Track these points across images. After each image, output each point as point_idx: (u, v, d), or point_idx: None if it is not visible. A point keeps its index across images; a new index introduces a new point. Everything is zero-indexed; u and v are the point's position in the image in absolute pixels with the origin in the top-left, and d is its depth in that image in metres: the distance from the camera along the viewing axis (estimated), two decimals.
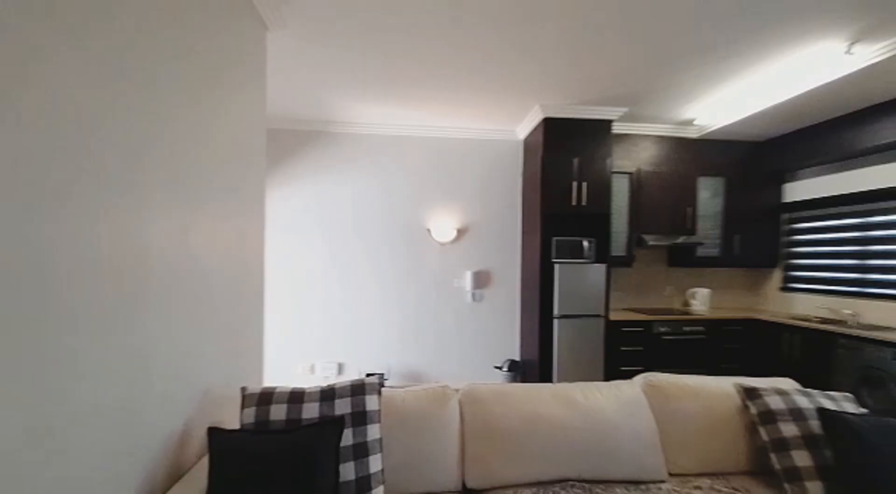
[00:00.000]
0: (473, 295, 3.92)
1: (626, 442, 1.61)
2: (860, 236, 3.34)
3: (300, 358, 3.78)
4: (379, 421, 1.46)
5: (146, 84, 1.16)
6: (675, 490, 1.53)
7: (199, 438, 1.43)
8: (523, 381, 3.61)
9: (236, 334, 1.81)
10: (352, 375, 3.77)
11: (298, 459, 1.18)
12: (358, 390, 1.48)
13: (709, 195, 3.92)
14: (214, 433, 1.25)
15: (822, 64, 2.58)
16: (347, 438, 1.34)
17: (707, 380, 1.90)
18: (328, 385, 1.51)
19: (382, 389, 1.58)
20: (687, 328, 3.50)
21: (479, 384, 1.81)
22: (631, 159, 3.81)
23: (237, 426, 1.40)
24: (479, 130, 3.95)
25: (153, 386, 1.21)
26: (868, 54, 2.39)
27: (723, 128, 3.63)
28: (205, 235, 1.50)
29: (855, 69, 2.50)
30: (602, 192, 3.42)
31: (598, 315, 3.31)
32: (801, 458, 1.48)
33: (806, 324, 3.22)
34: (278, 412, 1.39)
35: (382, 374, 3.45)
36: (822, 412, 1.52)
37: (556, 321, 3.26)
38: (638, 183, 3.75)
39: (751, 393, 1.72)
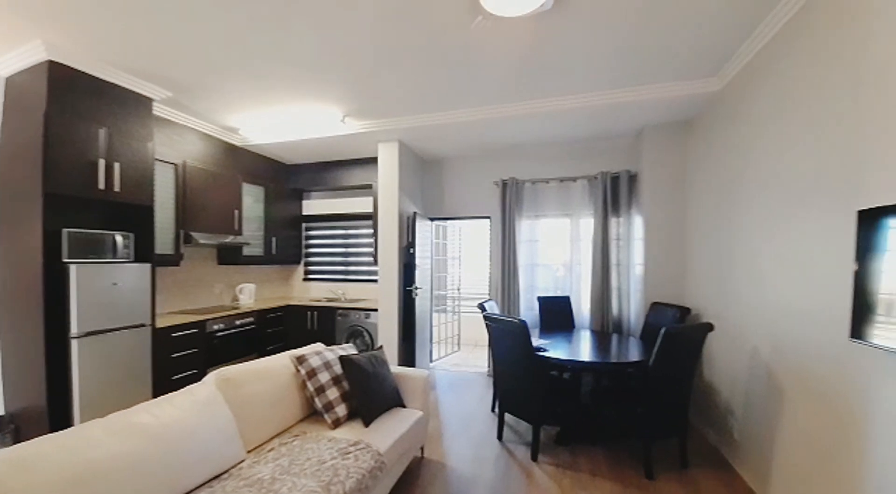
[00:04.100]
0: None
1: (206, 443, 1.59)
2: (345, 242, 5.03)
3: None
4: None
5: None
6: (252, 463, 1.70)
7: None
8: (15, 442, 2.31)
9: None
10: None
11: None
12: None
13: (252, 201, 4.37)
14: None
15: (329, 123, 3.68)
16: None
17: (270, 360, 2.23)
18: None
19: None
20: (239, 322, 3.72)
21: None
22: (176, 150, 3.51)
23: None
24: None
25: None
26: (353, 127, 3.73)
27: (261, 144, 4.18)
28: None
29: (344, 133, 3.79)
30: (143, 179, 2.91)
31: (141, 325, 2.77)
32: (332, 393, 2.14)
33: (319, 303, 4.42)
34: None
35: None
36: (341, 358, 2.26)
37: (74, 342, 2.37)
38: (184, 177, 3.52)
39: (300, 360, 2.22)
